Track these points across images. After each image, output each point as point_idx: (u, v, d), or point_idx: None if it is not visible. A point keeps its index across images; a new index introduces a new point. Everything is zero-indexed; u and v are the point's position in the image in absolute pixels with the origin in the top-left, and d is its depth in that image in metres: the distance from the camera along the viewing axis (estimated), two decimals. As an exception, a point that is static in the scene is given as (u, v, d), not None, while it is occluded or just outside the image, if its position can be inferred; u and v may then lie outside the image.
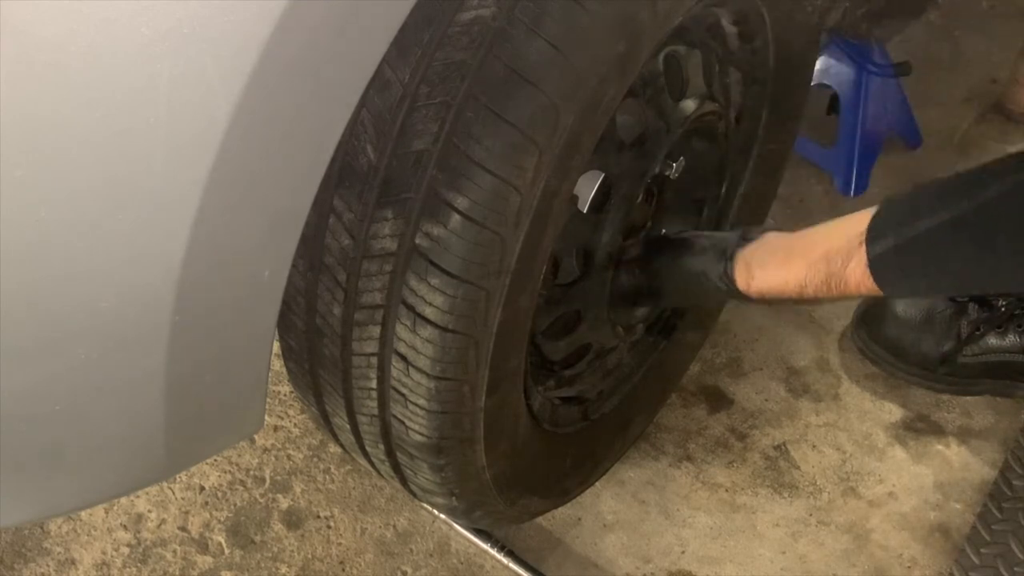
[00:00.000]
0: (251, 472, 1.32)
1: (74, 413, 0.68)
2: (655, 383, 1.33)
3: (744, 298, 1.06)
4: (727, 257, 1.05)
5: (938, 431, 1.39)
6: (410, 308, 0.81)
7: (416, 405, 0.87)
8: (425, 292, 0.80)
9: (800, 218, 1.68)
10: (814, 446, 1.37)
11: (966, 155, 1.81)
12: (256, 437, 1.36)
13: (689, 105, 1.08)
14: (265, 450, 1.35)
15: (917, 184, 0.98)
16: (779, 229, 1.07)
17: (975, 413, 1.41)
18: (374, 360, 0.86)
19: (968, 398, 1.41)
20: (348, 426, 0.96)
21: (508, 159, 0.76)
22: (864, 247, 0.94)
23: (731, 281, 1.04)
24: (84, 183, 0.58)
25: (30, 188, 0.57)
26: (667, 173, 1.08)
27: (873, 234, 0.94)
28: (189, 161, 0.59)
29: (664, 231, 1.20)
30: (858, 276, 0.95)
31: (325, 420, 0.99)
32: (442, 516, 1.27)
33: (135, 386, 0.68)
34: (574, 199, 0.98)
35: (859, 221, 0.96)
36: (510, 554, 1.23)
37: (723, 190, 1.27)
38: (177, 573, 1.23)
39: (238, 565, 1.23)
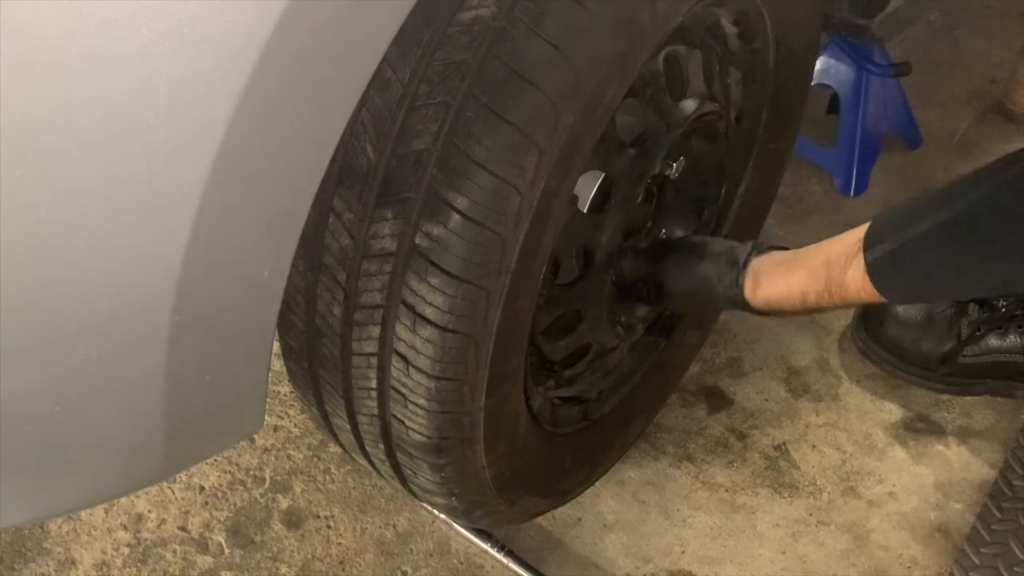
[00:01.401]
0: (251, 472, 1.32)
1: (74, 413, 0.68)
2: (655, 383, 1.33)
3: (747, 307, 1.08)
4: (740, 266, 1.07)
5: (938, 431, 1.39)
6: (410, 308, 0.81)
7: (416, 405, 0.87)
8: (425, 292, 0.80)
9: (800, 218, 1.68)
10: (814, 446, 1.37)
11: (966, 155, 1.81)
12: (256, 437, 1.36)
13: (689, 105, 1.07)
14: (265, 450, 1.35)
15: (911, 196, 1.00)
16: (785, 240, 1.08)
17: (975, 413, 1.41)
18: (374, 360, 0.86)
19: (968, 398, 1.41)
20: (348, 426, 0.96)
21: (508, 159, 0.76)
22: (862, 253, 0.97)
23: (739, 289, 1.07)
24: (84, 183, 0.58)
25: (30, 188, 0.57)
26: (667, 173, 1.08)
27: (870, 240, 0.97)
28: (189, 161, 0.59)
29: (674, 233, 1.21)
30: (858, 282, 0.98)
31: (325, 420, 0.99)
32: (442, 516, 1.26)
33: (135, 386, 0.68)
34: (574, 199, 0.98)
35: (859, 231, 0.99)
36: (510, 554, 1.23)
37: (723, 190, 1.27)
38: (177, 573, 1.23)
39: (238, 565, 1.23)
